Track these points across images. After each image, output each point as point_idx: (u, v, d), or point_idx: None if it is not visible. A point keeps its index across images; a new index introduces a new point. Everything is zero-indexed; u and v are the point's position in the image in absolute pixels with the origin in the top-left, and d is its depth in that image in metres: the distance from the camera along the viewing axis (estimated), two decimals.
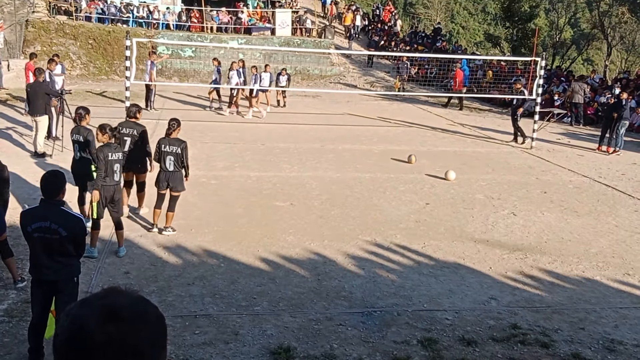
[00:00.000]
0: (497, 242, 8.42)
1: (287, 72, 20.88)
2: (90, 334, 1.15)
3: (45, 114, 11.86)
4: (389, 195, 10.41)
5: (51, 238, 4.70)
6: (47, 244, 4.72)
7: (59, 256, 4.76)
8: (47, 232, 4.69)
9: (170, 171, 7.79)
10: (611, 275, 7.43)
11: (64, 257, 4.79)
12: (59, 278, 4.79)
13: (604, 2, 29.75)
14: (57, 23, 24.08)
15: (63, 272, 4.81)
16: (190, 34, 26.23)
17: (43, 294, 4.85)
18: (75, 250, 4.83)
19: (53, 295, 4.83)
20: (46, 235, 4.70)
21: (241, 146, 13.67)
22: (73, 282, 4.91)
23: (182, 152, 7.79)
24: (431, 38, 33.24)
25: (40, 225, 4.70)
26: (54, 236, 4.70)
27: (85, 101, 18.64)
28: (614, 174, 13.03)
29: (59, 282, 4.80)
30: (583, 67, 53.49)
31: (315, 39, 28.36)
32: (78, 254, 4.91)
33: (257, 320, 5.83)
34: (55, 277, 4.78)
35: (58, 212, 4.75)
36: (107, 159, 7.08)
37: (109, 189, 7.15)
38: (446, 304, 6.42)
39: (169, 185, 7.84)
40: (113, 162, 7.14)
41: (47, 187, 4.82)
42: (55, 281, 4.80)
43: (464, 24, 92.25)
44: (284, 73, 20.48)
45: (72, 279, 4.89)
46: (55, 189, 4.82)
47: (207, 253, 7.45)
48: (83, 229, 4.88)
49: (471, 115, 21.29)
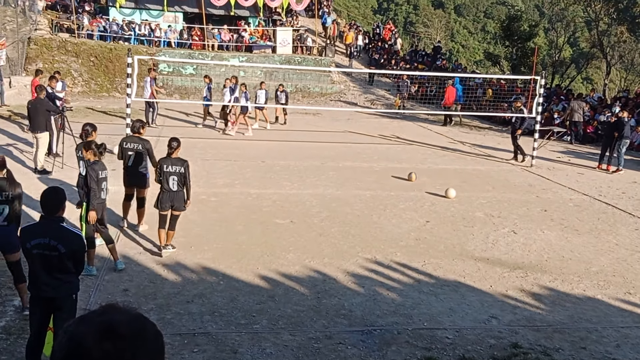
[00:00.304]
0: (498, 260, 8.40)
1: (284, 89, 20.92)
2: (88, 351, 1.15)
3: (45, 130, 11.91)
4: (389, 212, 10.40)
5: (50, 255, 4.68)
6: (46, 261, 4.69)
7: (58, 273, 4.74)
8: (46, 249, 4.68)
9: (174, 191, 7.76)
10: (612, 294, 7.39)
11: (63, 274, 4.77)
12: (58, 295, 4.77)
13: (603, 21, 29.96)
14: (59, 40, 24.26)
15: (62, 289, 4.79)
16: (191, 52, 26.40)
17: (41, 311, 4.82)
18: (74, 267, 4.81)
19: (51, 313, 4.81)
20: (45, 251, 4.68)
21: (241, 163, 13.69)
22: (72, 299, 4.88)
23: (185, 172, 7.79)
24: (431, 56, 33.47)
25: (39, 241, 4.69)
26: (52, 253, 4.68)
27: (87, 118, 18.70)
28: (614, 192, 13.02)
29: (58, 299, 4.78)
30: (582, 85, 53.77)
31: (316, 57, 28.54)
32: (77, 271, 4.88)
33: (256, 339, 5.79)
34: (54, 294, 4.76)
35: (57, 229, 4.74)
36: (99, 177, 7.07)
37: (98, 207, 7.13)
38: (447, 323, 6.38)
39: (172, 205, 7.81)
40: (102, 180, 7.12)
41: (46, 203, 4.81)
42: (54, 298, 4.77)
43: (464, 42, 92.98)
44: (281, 89, 20.54)
45: (70, 296, 4.86)
46: (55, 205, 4.81)
47: (206, 270, 7.43)
48: (82, 246, 4.87)
49: (471, 133, 21.35)
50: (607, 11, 28.70)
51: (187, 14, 29.02)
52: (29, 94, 21.25)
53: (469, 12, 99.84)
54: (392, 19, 75.09)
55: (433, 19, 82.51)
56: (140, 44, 26.26)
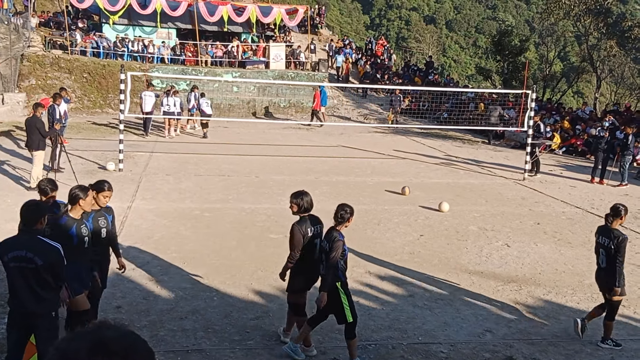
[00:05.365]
0: (492, 273, 8.40)
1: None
2: None
3: (39, 149, 11.86)
4: (383, 227, 10.40)
5: (27, 267, 4.57)
6: (24, 274, 4.59)
7: (37, 287, 4.63)
8: (22, 261, 4.58)
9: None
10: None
11: (42, 289, 4.65)
12: (37, 310, 4.66)
13: (593, 35, 30.31)
14: (52, 57, 24.28)
15: (41, 305, 4.67)
16: (185, 68, 26.49)
17: (19, 327, 4.71)
18: (54, 282, 4.69)
19: (30, 330, 4.70)
20: (22, 264, 4.58)
21: (235, 178, 13.68)
22: (51, 316, 4.75)
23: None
24: (423, 71, 33.71)
25: (16, 254, 4.59)
26: (29, 265, 4.57)
27: (80, 134, 18.70)
28: (606, 204, 13.06)
29: (36, 315, 4.66)
30: (573, 99, 54.29)
31: (309, 72, 28.68)
32: (57, 286, 4.75)
33: (250, 355, 5.75)
34: (33, 308, 4.64)
35: (34, 241, 4.64)
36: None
37: None
38: (441, 337, 6.36)
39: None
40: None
41: (25, 215, 4.73)
42: (33, 313, 4.66)
43: (456, 57, 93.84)
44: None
45: (50, 313, 4.74)
46: (34, 218, 4.72)
47: (200, 286, 7.39)
48: (60, 259, 4.70)
49: (464, 147, 21.45)
50: (597, 26, 29.03)
51: (181, 30, 29.17)
52: (22, 111, 21.28)
53: (460, 27, 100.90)
54: (385, 35, 75.75)
55: (425, 34, 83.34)
56: (134, 60, 26.33)
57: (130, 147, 15.95)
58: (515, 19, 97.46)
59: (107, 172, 13.51)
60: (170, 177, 13.32)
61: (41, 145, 11.98)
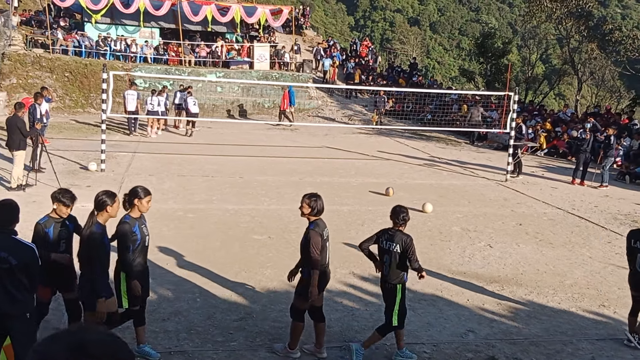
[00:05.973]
0: (474, 274, 8.46)
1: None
2: None
3: (20, 148, 11.70)
4: (367, 228, 10.41)
5: (1, 267, 4.52)
6: None
7: (12, 288, 4.57)
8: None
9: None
10: (587, 307, 7.49)
11: (17, 290, 4.59)
12: (10, 311, 4.59)
13: (574, 38, 30.66)
14: (34, 56, 24.01)
15: (15, 307, 4.60)
16: (168, 67, 26.32)
17: None
18: (29, 283, 4.63)
19: (4, 332, 4.65)
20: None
21: (219, 179, 13.62)
22: (25, 317, 4.69)
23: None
24: (407, 73, 33.85)
25: None
26: (3, 265, 4.52)
27: (61, 133, 18.51)
28: (587, 206, 13.24)
29: (10, 316, 4.60)
30: (555, 101, 54.88)
31: (293, 72, 28.66)
32: (32, 287, 4.70)
33: (233, 356, 5.73)
34: (7, 309, 4.58)
35: (8, 240, 4.59)
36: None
37: None
38: (424, 337, 6.39)
39: None
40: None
41: (0, 214, 4.68)
42: (7, 314, 4.59)
43: (439, 59, 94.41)
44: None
45: (24, 315, 4.68)
46: (8, 218, 4.68)
47: (183, 288, 7.34)
48: (35, 259, 4.66)
49: (447, 148, 21.58)
50: (578, 29, 29.38)
51: (164, 29, 28.99)
52: (2, 110, 21.00)
53: (444, 29, 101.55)
54: (369, 36, 75.99)
55: (409, 35, 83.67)
56: (116, 60, 26.12)
57: (112, 147, 15.82)
58: (498, 21, 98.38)
59: (88, 172, 13.38)
60: (153, 178, 13.22)
61: (22, 145, 11.81)
